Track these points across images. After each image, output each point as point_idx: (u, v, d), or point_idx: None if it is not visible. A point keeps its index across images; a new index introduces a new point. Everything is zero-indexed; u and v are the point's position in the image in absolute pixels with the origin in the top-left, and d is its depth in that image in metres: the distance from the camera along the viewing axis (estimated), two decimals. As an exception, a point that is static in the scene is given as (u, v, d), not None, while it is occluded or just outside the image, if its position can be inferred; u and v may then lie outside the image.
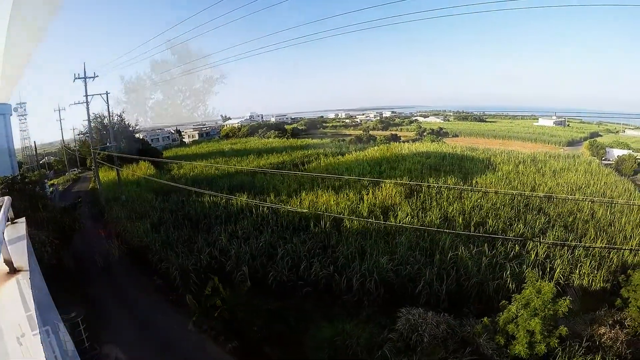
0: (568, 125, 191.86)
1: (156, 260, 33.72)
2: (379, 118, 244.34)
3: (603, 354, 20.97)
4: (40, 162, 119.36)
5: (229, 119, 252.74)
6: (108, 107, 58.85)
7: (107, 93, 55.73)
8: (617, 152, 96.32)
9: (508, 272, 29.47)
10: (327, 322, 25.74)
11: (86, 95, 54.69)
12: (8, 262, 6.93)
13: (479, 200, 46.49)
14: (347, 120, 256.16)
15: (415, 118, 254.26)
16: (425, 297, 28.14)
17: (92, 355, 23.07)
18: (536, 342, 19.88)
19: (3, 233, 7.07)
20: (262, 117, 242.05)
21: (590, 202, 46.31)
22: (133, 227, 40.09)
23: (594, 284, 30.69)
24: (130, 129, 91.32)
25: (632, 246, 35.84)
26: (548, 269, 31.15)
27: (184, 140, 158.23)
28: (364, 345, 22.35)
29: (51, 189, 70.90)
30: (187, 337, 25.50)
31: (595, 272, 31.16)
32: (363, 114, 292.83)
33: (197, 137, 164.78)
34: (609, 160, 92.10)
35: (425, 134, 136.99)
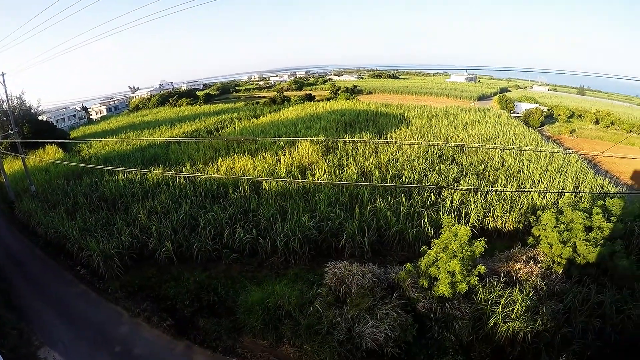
0: (479, 82, 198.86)
1: (76, 250, 31.54)
2: (292, 78, 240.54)
3: (520, 287, 22.45)
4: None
5: (138, 89, 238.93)
6: (5, 90, 54.25)
7: (2, 74, 51.38)
8: (525, 106, 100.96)
9: (426, 220, 30.82)
10: (256, 285, 25.94)
11: (-22, 79, 50.22)
12: None
13: (394, 154, 47.97)
14: (261, 83, 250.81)
15: (329, 77, 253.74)
16: (350, 250, 29.03)
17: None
18: (457, 281, 20.94)
19: None
20: (172, 85, 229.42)
21: (500, 151, 48.67)
22: (47, 218, 37.23)
23: (507, 225, 32.79)
24: (33, 111, 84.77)
25: (540, 189, 37.97)
26: (464, 214, 32.93)
27: (91, 117, 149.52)
28: (295, 303, 22.65)
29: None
30: (121, 323, 24.70)
31: (508, 214, 33.27)
32: (276, 75, 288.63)
33: (105, 113, 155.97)
34: (517, 114, 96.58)
35: (339, 92, 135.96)
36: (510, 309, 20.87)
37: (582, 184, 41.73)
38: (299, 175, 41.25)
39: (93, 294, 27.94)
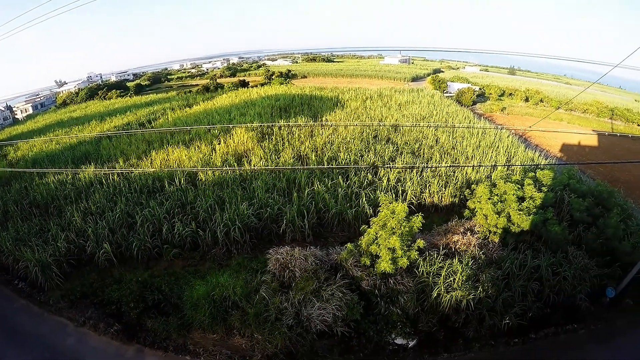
0: (412, 63, 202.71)
1: (11, 262, 29.05)
2: (226, 65, 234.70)
3: (459, 258, 23.34)
4: None
5: (65, 83, 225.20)
6: None
7: None
8: (457, 86, 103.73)
9: (364, 199, 31.38)
10: (200, 279, 25.59)
11: None
12: None
13: (330, 136, 48.26)
14: (193, 70, 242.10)
15: (263, 62, 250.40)
16: (291, 235, 29.22)
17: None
18: (398, 257, 21.48)
19: None
20: (101, 77, 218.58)
21: (434, 129, 49.94)
22: (-24, 232, 35.06)
23: (443, 199, 33.96)
24: (-46, 115, 79.54)
25: (473, 164, 39.21)
26: (400, 192, 33.76)
27: (16, 116, 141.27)
28: (240, 293, 22.47)
29: None
30: (67, 334, 23.61)
31: (444, 189, 34.43)
32: (209, 62, 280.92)
33: (31, 111, 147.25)
34: (450, 93, 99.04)
35: (273, 77, 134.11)
36: (451, 279, 21.67)
37: (513, 157, 43.75)
38: (235, 163, 40.76)
39: (35, 307, 26.40)
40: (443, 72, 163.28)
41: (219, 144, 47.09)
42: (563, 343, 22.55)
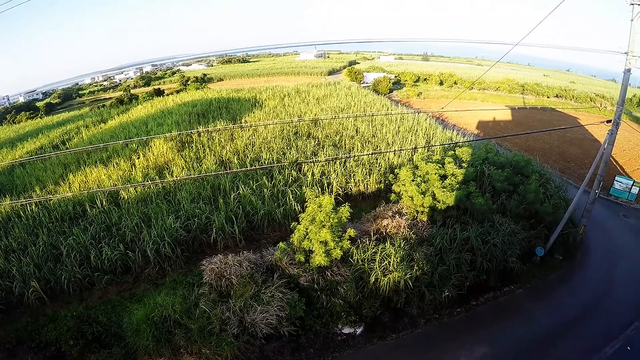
0: (328, 57, 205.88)
1: None
2: (139, 74, 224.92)
3: (391, 241, 24.02)
4: None
5: None
6: None
7: None
8: (373, 76, 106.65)
9: (290, 197, 31.58)
10: (137, 303, 24.78)
11: None
12: None
13: (250, 138, 47.81)
14: (105, 83, 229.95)
15: (178, 68, 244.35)
16: (222, 242, 28.83)
17: None
18: (331, 249, 21.80)
19: None
20: (8, 99, 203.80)
21: (353, 120, 50.79)
22: None
23: (369, 187, 34.97)
24: None
25: (394, 149, 40.24)
26: (326, 185, 34.30)
27: None
28: (180, 310, 21.85)
29: None
30: None
31: (368, 177, 35.36)
32: (122, 73, 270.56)
33: None
34: (367, 84, 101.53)
35: (189, 82, 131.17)
36: (386, 262, 22.29)
37: (432, 139, 45.46)
38: (157, 177, 39.47)
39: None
40: (359, 63, 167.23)
41: (138, 158, 45.49)
42: (503, 304, 24.24)
